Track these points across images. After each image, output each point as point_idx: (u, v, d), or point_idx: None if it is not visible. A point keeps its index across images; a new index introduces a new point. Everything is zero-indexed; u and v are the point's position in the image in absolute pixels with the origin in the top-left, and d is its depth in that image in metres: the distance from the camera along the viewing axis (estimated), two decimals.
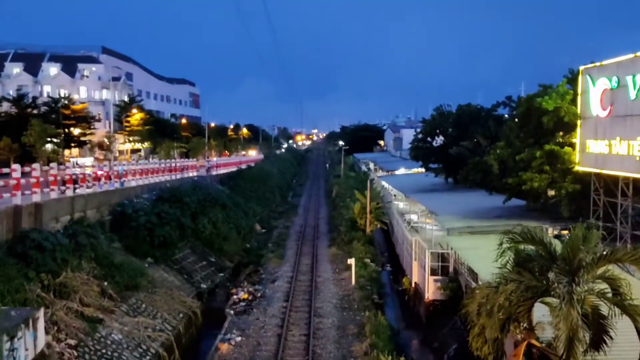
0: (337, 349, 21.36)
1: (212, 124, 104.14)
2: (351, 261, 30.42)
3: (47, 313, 15.95)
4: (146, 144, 73.31)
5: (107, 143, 59.38)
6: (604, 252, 12.85)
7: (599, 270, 12.56)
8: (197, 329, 23.50)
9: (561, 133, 26.76)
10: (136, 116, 71.73)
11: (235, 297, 28.12)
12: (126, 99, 78.78)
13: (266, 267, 34.59)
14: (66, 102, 61.96)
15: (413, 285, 27.86)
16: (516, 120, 33.09)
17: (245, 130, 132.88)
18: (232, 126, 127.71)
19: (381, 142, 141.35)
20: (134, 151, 75.32)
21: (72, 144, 62.62)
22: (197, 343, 23.23)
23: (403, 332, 25.33)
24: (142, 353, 18.31)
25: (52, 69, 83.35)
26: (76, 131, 62.21)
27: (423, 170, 56.92)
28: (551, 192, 28.55)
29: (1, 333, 11.85)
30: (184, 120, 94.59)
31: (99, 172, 28.95)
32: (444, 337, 22.54)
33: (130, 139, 72.31)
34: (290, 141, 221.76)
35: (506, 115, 46.29)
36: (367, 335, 21.90)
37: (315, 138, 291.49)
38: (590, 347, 11.98)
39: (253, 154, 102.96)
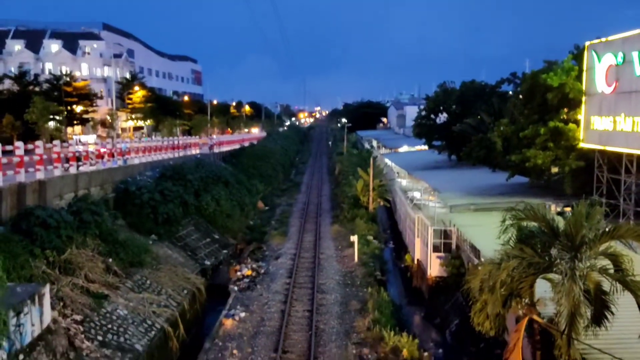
0: (340, 324, 21.58)
1: (215, 102, 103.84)
2: (354, 238, 30.54)
3: (52, 289, 16.10)
4: (148, 122, 73.19)
5: (110, 120, 59.45)
6: (607, 229, 12.83)
7: (601, 247, 12.57)
8: (201, 305, 23.70)
9: (566, 110, 26.55)
10: (138, 93, 71.49)
11: (239, 273, 28.35)
12: (128, 76, 78.38)
13: (269, 244, 34.78)
14: (68, 79, 61.78)
15: (415, 262, 28.00)
16: (520, 96, 32.88)
17: (247, 108, 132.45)
18: (234, 103, 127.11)
19: (384, 120, 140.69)
20: (136, 129, 75.22)
21: (75, 122, 62.62)
22: (201, 319, 23.50)
23: (405, 308, 25.57)
24: (147, 328, 18.53)
25: (54, 46, 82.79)
26: (78, 108, 62.15)
27: (426, 147, 56.75)
28: (554, 169, 28.50)
29: (7, 309, 11.95)
30: (186, 98, 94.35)
31: (102, 150, 29.00)
32: (446, 313, 22.75)
33: (133, 116, 72.16)
34: (293, 119, 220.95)
35: (510, 92, 46.03)
36: (369, 311, 22.13)
37: (318, 115, 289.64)
38: (591, 322, 12.06)
39: (255, 131, 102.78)
